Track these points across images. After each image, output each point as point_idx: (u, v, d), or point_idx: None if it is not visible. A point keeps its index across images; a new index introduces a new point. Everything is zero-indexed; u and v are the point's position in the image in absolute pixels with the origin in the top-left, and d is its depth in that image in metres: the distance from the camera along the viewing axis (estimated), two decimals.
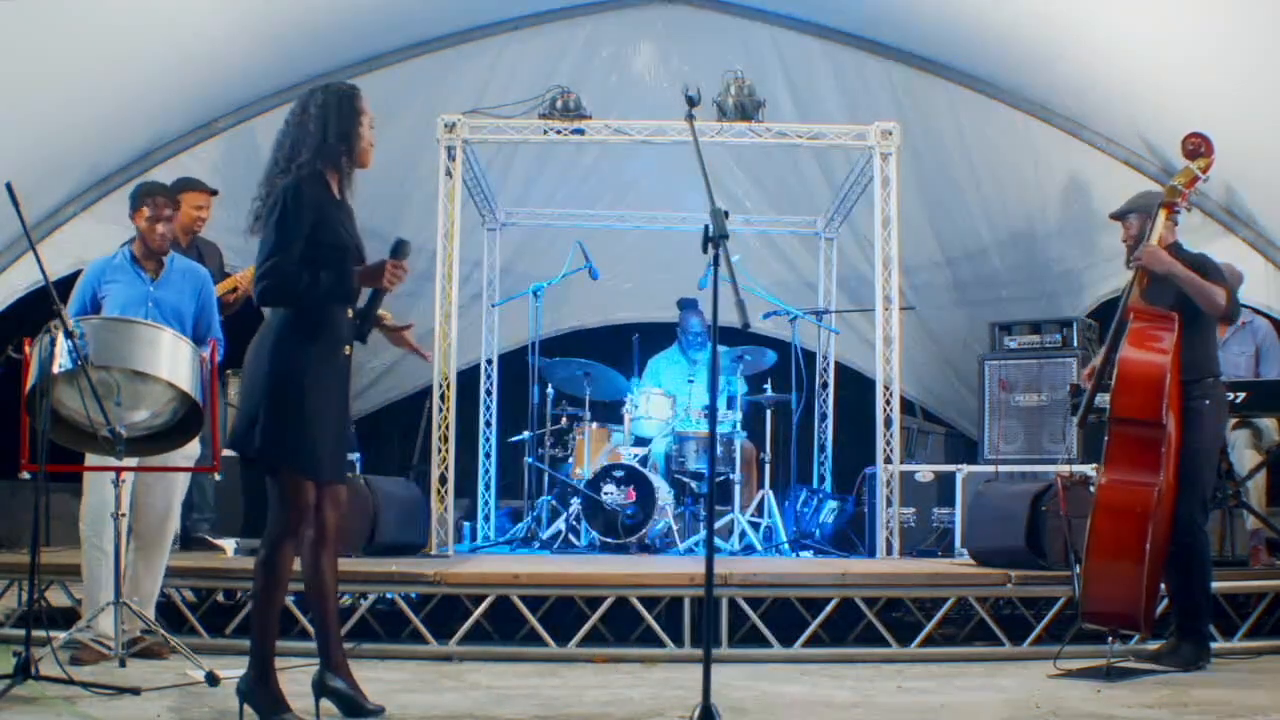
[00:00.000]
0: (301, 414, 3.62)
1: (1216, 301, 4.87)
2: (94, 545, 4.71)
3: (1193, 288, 4.87)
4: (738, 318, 3.39)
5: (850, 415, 9.19)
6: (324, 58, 7.78)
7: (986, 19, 7.31)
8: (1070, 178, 8.10)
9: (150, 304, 4.88)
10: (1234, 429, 6.40)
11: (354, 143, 3.81)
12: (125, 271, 4.95)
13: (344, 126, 3.78)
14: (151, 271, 4.98)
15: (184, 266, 5.10)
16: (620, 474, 7.47)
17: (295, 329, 3.68)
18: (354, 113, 3.81)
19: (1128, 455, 4.77)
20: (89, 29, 6.21)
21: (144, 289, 4.93)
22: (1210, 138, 5.03)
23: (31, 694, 3.93)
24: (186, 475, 5.03)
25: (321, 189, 3.76)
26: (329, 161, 3.78)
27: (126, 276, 4.94)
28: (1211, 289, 4.87)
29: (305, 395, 3.63)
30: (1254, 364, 6.65)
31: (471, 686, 4.51)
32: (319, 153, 3.75)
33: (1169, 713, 4.04)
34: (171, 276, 5.02)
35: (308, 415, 3.63)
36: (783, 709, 4.11)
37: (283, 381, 3.63)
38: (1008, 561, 5.64)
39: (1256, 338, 6.68)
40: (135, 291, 4.91)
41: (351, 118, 3.80)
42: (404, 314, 9.02)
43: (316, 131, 3.75)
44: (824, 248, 9.15)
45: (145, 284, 4.94)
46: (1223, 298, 4.88)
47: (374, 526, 6.21)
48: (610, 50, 8.36)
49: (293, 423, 3.62)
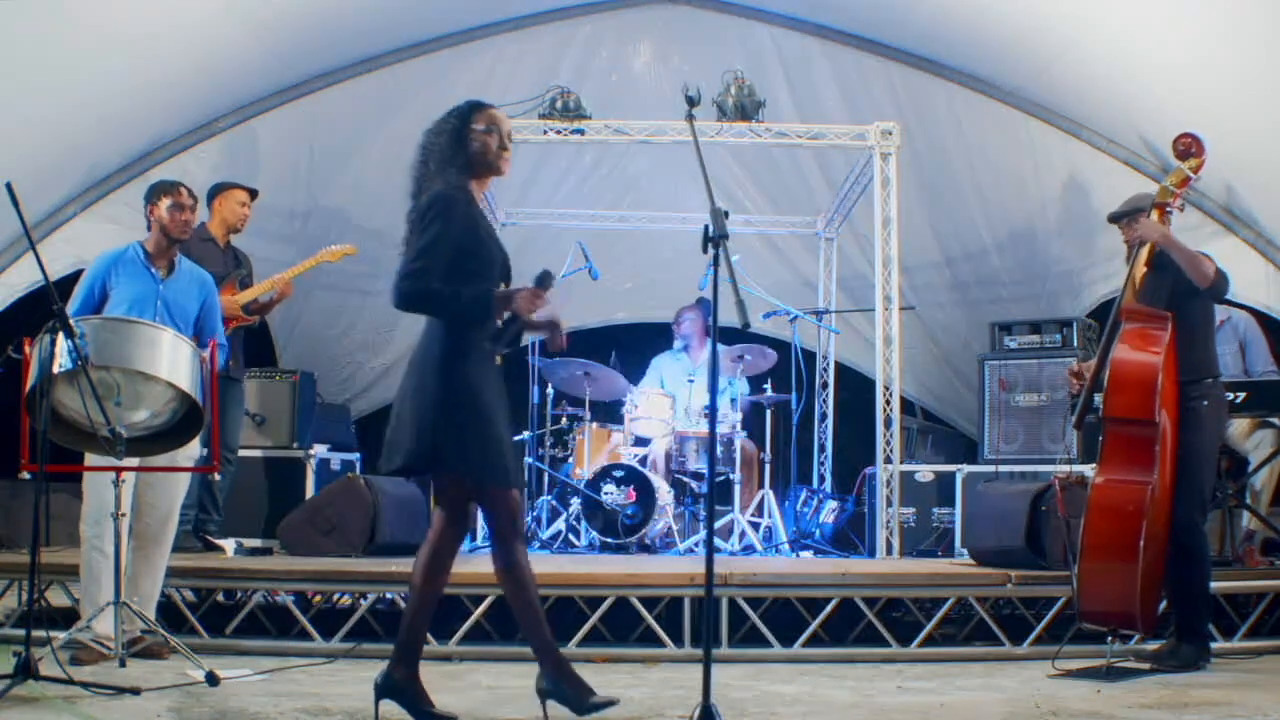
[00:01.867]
0: (487, 427, 3.65)
1: (1205, 273, 4.89)
2: (94, 547, 4.71)
3: (1183, 257, 4.89)
4: (738, 318, 3.39)
5: (850, 415, 9.20)
6: (324, 58, 7.79)
7: (986, 19, 7.31)
8: (1070, 178, 8.10)
9: (160, 302, 4.89)
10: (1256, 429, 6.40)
11: (483, 153, 3.81)
12: (137, 267, 4.94)
13: (470, 139, 3.80)
14: (163, 270, 4.98)
15: (190, 269, 5.11)
16: (620, 474, 7.47)
17: (460, 346, 3.69)
18: (472, 124, 3.82)
19: (1122, 455, 4.78)
20: (89, 29, 6.21)
21: (154, 286, 4.93)
22: (1201, 138, 5.05)
23: (31, 694, 3.93)
24: (188, 476, 5.02)
25: (467, 199, 3.79)
26: (467, 174, 3.81)
27: (138, 272, 4.93)
28: (1201, 260, 4.90)
29: (486, 408, 3.67)
30: (1240, 360, 6.63)
31: (471, 686, 4.51)
32: (459, 166, 3.79)
33: (1169, 713, 4.03)
34: (179, 277, 5.02)
35: (493, 427, 3.67)
36: (783, 709, 4.11)
37: (463, 398, 3.65)
38: (1007, 561, 5.64)
39: (1238, 333, 6.65)
40: (146, 288, 4.90)
41: (467, 130, 3.81)
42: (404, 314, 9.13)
43: (449, 145, 3.79)
44: (824, 248, 9.16)
45: (156, 282, 4.94)
46: (1212, 270, 4.90)
47: (374, 526, 6.21)
48: (610, 50, 8.36)
49: (481, 436, 3.64)
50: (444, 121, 3.85)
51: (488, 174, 3.87)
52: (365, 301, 9.11)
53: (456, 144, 3.80)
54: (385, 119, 8.22)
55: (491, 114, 3.86)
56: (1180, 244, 4.91)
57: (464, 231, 3.71)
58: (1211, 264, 4.92)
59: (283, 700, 4.08)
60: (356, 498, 6.29)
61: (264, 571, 5.50)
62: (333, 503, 6.33)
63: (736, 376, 8.22)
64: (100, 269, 4.91)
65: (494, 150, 3.83)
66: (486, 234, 3.82)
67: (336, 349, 9.23)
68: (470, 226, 3.74)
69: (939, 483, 7.19)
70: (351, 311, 9.14)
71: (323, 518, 6.25)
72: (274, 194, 8.24)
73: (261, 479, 6.96)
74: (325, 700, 4.11)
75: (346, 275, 8.85)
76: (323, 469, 7.09)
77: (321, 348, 9.10)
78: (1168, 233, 4.93)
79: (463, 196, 3.76)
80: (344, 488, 6.40)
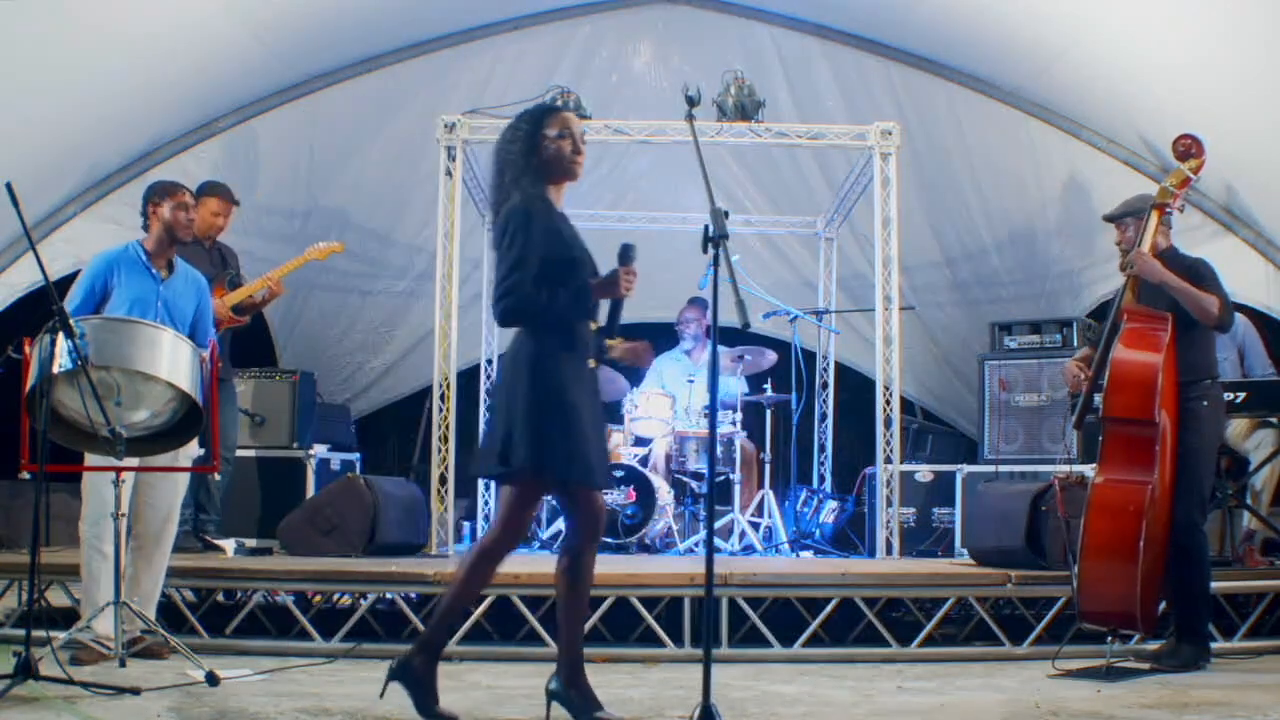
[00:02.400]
0: (572, 426, 3.64)
1: (1209, 310, 4.86)
2: (93, 547, 4.70)
3: (1185, 297, 4.87)
4: (738, 318, 3.39)
5: (850, 415, 9.19)
6: (324, 58, 7.79)
7: (986, 19, 7.31)
8: (1070, 178, 8.10)
9: (160, 303, 4.88)
10: (1256, 429, 6.39)
11: (558, 159, 3.79)
12: (138, 267, 4.93)
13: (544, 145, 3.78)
14: (163, 270, 4.98)
15: (186, 270, 5.10)
16: (620, 474, 7.47)
17: (548, 348, 3.69)
18: (545, 130, 3.79)
19: (1121, 455, 4.79)
20: (89, 29, 6.21)
21: (155, 287, 4.92)
22: (1201, 139, 5.05)
23: (31, 694, 3.93)
24: (187, 476, 5.02)
25: (546, 206, 3.77)
26: (543, 181, 3.79)
27: (139, 272, 4.92)
28: (1203, 298, 4.86)
29: (571, 408, 3.65)
30: (1239, 366, 6.61)
31: (471, 686, 4.51)
32: (534, 174, 3.77)
33: (1168, 713, 4.03)
34: (177, 278, 5.02)
35: (578, 426, 3.65)
36: (783, 709, 4.11)
37: (550, 398, 3.63)
38: (1007, 561, 5.64)
39: (1236, 337, 6.61)
40: (147, 289, 4.89)
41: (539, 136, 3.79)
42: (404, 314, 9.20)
43: (522, 154, 3.78)
44: (824, 248, 9.16)
45: (156, 282, 4.93)
46: (1215, 307, 4.86)
47: (374, 526, 6.22)
48: (610, 50, 8.36)
49: (565, 435, 3.63)
50: (515, 129, 3.82)
51: (563, 179, 3.84)
52: (365, 301, 9.12)
53: (530, 151, 3.77)
54: (385, 119, 8.22)
55: (564, 118, 3.83)
56: (1179, 283, 4.88)
57: (547, 239, 3.70)
58: (1216, 299, 4.87)
59: (283, 700, 4.08)
60: (356, 498, 6.29)
61: (264, 571, 5.50)
62: (333, 503, 6.33)
63: (737, 375, 8.22)
64: (101, 268, 4.89)
65: (568, 155, 3.80)
66: (570, 238, 3.81)
67: (336, 349, 9.23)
68: (552, 233, 3.73)
69: (939, 483, 7.19)
70: (351, 311, 9.14)
71: (323, 518, 6.26)
72: (274, 194, 8.26)
73: (262, 479, 6.96)
74: (325, 700, 4.11)
75: (346, 275, 8.86)
76: (323, 469, 7.09)
77: (321, 348, 9.10)
78: (1166, 275, 4.89)
79: (540, 206, 3.74)
80: (344, 488, 6.41)
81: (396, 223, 8.83)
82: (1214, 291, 4.91)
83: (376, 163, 8.41)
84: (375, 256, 8.94)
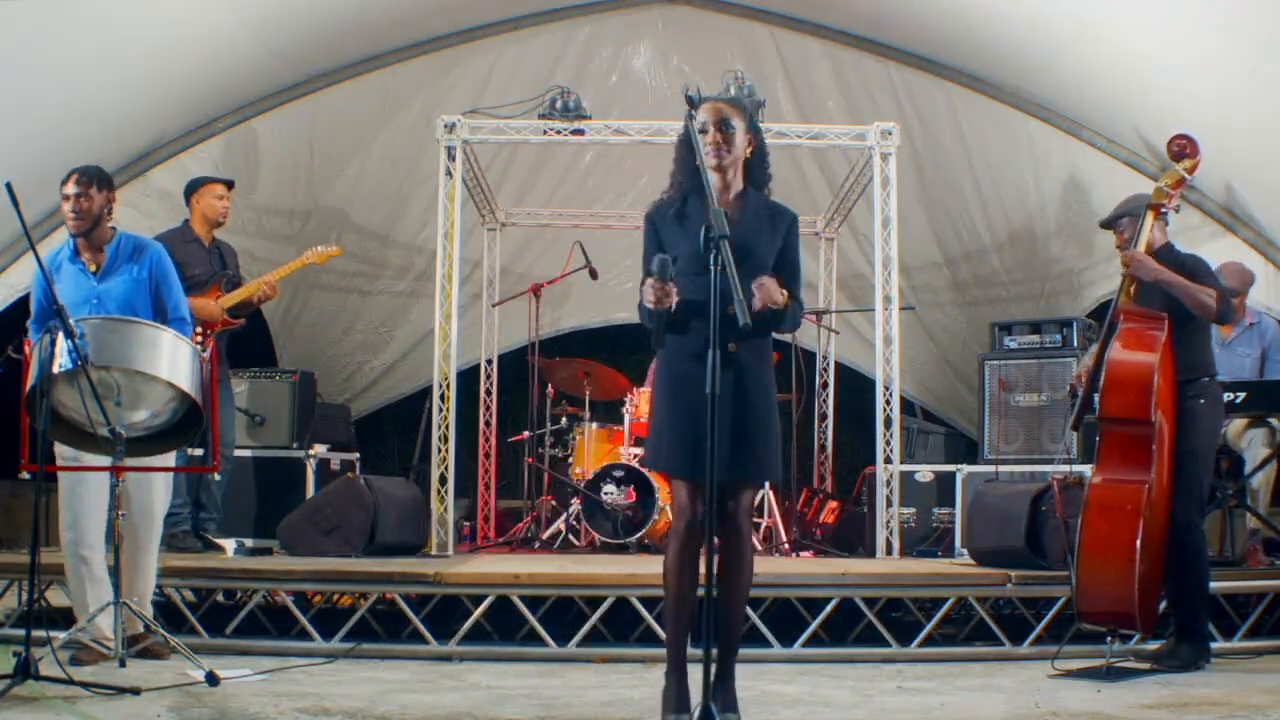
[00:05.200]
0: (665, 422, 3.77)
1: (1207, 305, 4.87)
2: (73, 552, 4.65)
3: (1182, 293, 4.88)
4: (738, 317, 3.39)
5: (850, 415, 9.20)
6: (324, 57, 7.79)
7: (986, 19, 7.31)
8: (1070, 178, 8.10)
9: (95, 301, 4.73)
10: (1249, 427, 6.39)
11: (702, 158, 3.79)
12: (67, 269, 4.79)
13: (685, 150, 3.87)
14: (93, 265, 4.80)
15: (128, 250, 4.87)
16: (620, 474, 7.47)
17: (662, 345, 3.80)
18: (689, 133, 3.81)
19: (1118, 454, 4.79)
20: (89, 28, 6.21)
21: (88, 285, 4.77)
22: (1196, 139, 5.05)
23: (31, 694, 3.93)
24: (169, 476, 4.97)
25: (666, 212, 3.88)
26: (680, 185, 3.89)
27: (69, 273, 4.78)
28: (1200, 293, 4.87)
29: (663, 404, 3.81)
30: (1259, 365, 6.60)
31: (472, 686, 4.51)
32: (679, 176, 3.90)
33: (1168, 713, 4.03)
34: (114, 266, 4.83)
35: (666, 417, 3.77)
36: (783, 709, 4.11)
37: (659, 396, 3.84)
38: (1007, 561, 5.64)
39: (1264, 340, 6.60)
40: (80, 290, 4.74)
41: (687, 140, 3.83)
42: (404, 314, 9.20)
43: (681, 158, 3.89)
44: (824, 248, 9.16)
45: (89, 279, 4.78)
46: (1213, 300, 4.87)
47: (374, 526, 6.21)
48: (610, 50, 8.36)
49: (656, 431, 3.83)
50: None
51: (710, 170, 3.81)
52: (365, 301, 9.12)
53: (685, 147, 3.86)
54: (385, 119, 8.22)
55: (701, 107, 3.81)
56: (1175, 279, 4.88)
57: (657, 242, 3.84)
58: (1214, 293, 4.88)
59: (283, 700, 4.08)
60: (356, 498, 6.29)
61: (264, 571, 5.50)
62: (333, 503, 6.32)
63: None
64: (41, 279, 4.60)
65: (706, 144, 3.81)
66: (680, 232, 3.81)
67: (336, 349, 9.23)
68: (668, 231, 3.83)
69: (939, 483, 7.19)
70: (351, 312, 9.14)
71: (323, 517, 6.25)
72: (274, 194, 8.26)
73: (261, 479, 6.95)
74: (325, 700, 4.10)
75: (346, 275, 8.86)
76: (323, 469, 7.09)
77: (321, 348, 9.11)
78: (1161, 272, 4.89)
79: (657, 212, 3.88)
80: (344, 488, 6.40)
81: (396, 223, 8.83)
82: (1211, 285, 4.92)
83: (376, 163, 8.41)
84: (375, 257, 8.94)
